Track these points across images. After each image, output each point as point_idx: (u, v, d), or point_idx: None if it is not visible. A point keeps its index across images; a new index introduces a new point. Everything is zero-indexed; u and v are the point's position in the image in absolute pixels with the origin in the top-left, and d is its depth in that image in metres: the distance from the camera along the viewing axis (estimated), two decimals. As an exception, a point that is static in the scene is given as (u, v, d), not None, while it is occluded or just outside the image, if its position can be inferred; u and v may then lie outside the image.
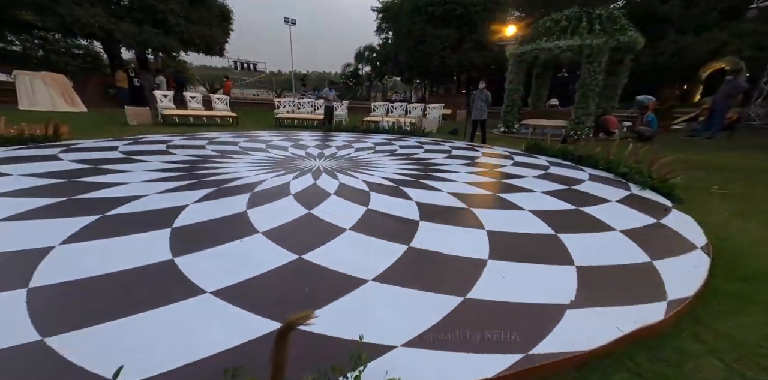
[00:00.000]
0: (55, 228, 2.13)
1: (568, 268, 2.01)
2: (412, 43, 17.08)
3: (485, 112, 7.34)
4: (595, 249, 2.27)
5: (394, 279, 1.80)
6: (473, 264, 2.01)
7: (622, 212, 3.08)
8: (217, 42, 13.92)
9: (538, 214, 2.91)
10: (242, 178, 3.67)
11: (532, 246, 2.32)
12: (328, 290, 1.69)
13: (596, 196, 3.52)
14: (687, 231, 2.62)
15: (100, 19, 10.83)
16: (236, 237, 2.17)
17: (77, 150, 4.46)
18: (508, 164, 5.17)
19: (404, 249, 2.14)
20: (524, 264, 2.05)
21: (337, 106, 10.54)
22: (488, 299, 1.68)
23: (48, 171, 3.35)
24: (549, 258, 2.12)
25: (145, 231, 2.17)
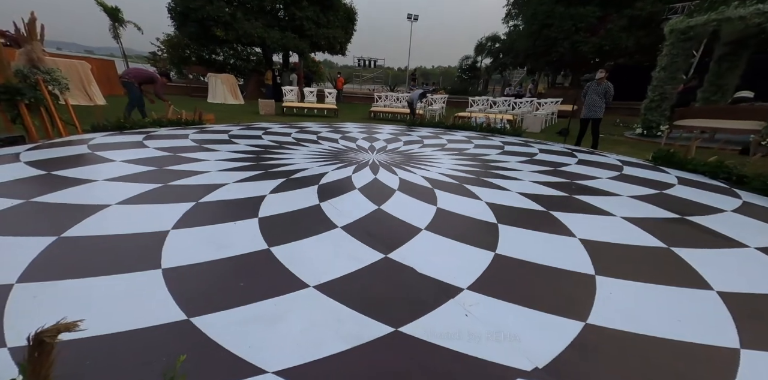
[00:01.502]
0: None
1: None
2: (537, 27, 14.72)
3: (600, 110, 5.73)
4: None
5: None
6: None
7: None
8: (339, 42, 15.55)
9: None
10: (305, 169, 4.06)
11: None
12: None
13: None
14: None
15: (259, 30, 13.68)
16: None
17: (205, 132, 5.86)
18: (604, 177, 3.93)
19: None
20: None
21: (421, 107, 10.36)
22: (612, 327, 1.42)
23: (173, 146, 4.52)
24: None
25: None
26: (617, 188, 3.48)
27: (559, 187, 3.51)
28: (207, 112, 6.77)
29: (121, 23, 22.20)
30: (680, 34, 6.79)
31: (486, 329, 1.44)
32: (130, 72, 6.09)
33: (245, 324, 1.36)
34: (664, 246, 2.24)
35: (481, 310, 1.57)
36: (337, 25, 15.28)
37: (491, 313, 1.55)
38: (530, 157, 5.12)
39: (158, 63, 22.60)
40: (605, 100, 5.65)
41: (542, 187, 3.53)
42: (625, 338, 1.43)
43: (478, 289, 1.73)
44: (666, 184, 3.65)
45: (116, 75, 13.66)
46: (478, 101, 12.06)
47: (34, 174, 2.87)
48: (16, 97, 3.47)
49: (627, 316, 1.55)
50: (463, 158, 4.91)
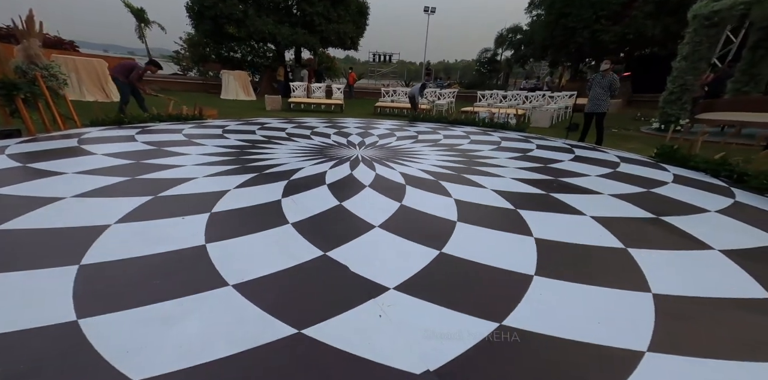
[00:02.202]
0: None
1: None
2: (554, 16, 13.98)
3: (605, 103, 5.38)
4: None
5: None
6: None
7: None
8: (349, 37, 15.51)
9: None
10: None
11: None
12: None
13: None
14: None
15: (270, 26, 13.89)
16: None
17: (201, 126, 6.00)
18: (594, 174, 3.68)
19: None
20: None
21: (427, 102, 10.11)
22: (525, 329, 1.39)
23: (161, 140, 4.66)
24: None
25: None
26: (602, 186, 3.24)
27: (539, 185, 3.32)
28: (219, 107, 6.96)
29: (146, 24, 23.30)
30: (704, 20, 6.20)
31: (391, 330, 1.37)
32: (115, 67, 6.16)
33: (136, 326, 1.31)
34: (622, 247, 2.08)
35: (397, 311, 1.50)
36: (348, 20, 15.25)
37: (406, 314, 1.48)
38: (524, 153, 4.89)
39: (182, 61, 23.53)
40: (610, 93, 5.28)
41: (522, 184, 3.36)
42: (533, 339, 1.35)
43: (405, 289, 1.65)
44: (659, 182, 3.36)
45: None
46: (487, 95, 11.67)
47: (8, 166, 2.98)
48: (13, 91, 3.70)
49: (547, 318, 1.47)
50: (452, 154, 4.76)
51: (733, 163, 3.36)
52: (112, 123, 5.11)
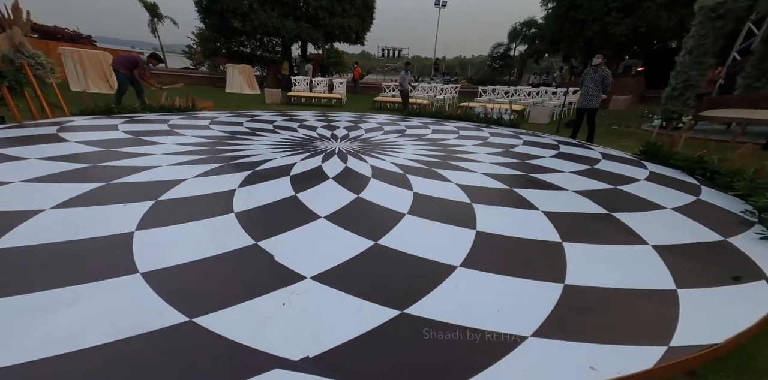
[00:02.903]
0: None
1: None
2: (564, 9, 13.49)
3: (597, 99, 5.16)
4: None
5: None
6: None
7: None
8: (354, 31, 15.38)
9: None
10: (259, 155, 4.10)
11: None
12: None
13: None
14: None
15: (274, 20, 13.92)
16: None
17: (191, 118, 6.08)
18: (568, 171, 3.55)
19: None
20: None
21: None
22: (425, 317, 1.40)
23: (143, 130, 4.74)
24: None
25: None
26: (571, 182, 3.13)
27: (507, 180, 3.23)
28: (221, 100, 7.02)
29: (159, 18, 23.73)
30: (710, 12, 5.86)
31: (286, 318, 1.36)
32: (116, 59, 6.30)
33: (16, 313, 1.27)
34: (558, 241, 2.03)
35: (303, 299, 1.48)
36: (353, 14, 15.12)
37: (311, 302, 1.46)
38: (507, 149, 4.77)
39: (194, 56, 23.91)
40: (602, 89, 5.07)
41: (490, 179, 3.28)
42: (425, 326, 1.35)
43: (322, 278, 1.64)
44: (631, 179, 3.23)
45: (144, 66, 14.69)
46: (489, 91, 11.42)
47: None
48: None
49: (449, 307, 1.46)
50: (433, 148, 4.69)
51: (709, 161, 3.19)
52: (102, 112, 5.24)
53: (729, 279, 1.66)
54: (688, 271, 1.78)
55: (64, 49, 9.38)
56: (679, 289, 1.62)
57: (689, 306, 1.50)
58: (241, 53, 20.53)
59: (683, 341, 1.29)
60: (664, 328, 1.36)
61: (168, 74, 17.26)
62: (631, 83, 13.74)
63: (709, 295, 1.60)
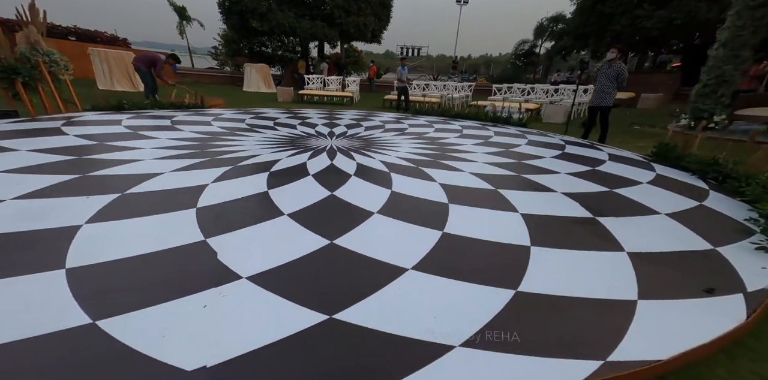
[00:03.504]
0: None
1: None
2: (590, 2, 12.74)
3: (610, 96, 4.78)
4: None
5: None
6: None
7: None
8: (369, 30, 15.32)
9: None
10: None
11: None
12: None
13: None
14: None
15: (290, 20, 14.13)
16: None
17: (197, 114, 6.24)
18: (564, 172, 3.29)
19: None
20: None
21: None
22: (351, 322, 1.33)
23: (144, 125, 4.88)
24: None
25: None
26: (563, 184, 2.89)
27: (494, 181, 3.03)
28: (236, 98, 7.20)
29: (187, 21, 24.85)
30: (749, 0, 5.27)
31: (199, 322, 1.28)
32: (138, 57, 6.65)
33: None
34: (527, 245, 1.87)
35: (229, 301, 1.40)
36: (369, 13, 15.07)
37: (236, 304, 1.39)
38: (507, 148, 4.52)
39: (219, 57, 24.84)
40: (616, 85, 4.68)
41: (476, 179, 3.10)
42: (352, 332, 1.27)
43: (259, 279, 1.55)
44: (632, 181, 2.94)
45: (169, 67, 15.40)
46: (504, 89, 11.00)
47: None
48: (13, 75, 4.07)
49: (386, 312, 1.38)
50: (429, 147, 4.52)
51: (723, 163, 2.83)
52: (112, 108, 5.48)
53: (701, 292, 1.48)
54: (659, 281, 1.62)
55: (92, 49, 9.99)
56: (640, 300, 1.47)
57: (645, 318, 1.36)
58: (262, 53, 21.10)
59: (623, 356, 1.17)
60: (607, 342, 1.24)
61: (192, 74, 18.04)
62: (664, 80, 12.79)
63: (671, 308, 1.44)
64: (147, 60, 6.57)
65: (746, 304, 1.42)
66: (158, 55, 7.00)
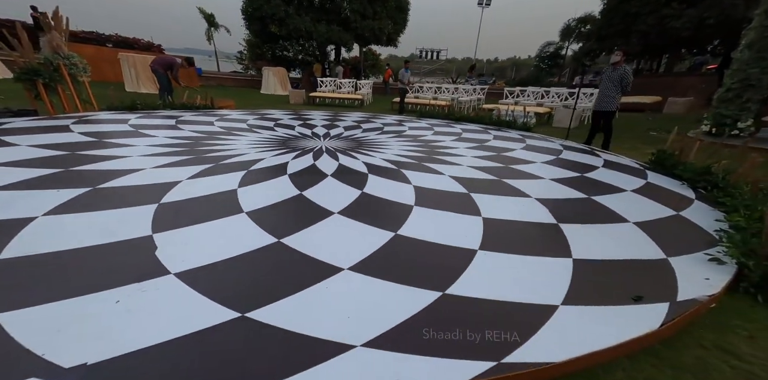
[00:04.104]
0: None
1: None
2: (615, 2, 12.17)
3: (614, 100, 4.52)
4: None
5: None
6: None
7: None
8: (385, 33, 15.44)
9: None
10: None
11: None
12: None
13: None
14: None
15: (307, 24, 14.52)
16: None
17: (206, 115, 6.51)
18: (548, 178, 3.13)
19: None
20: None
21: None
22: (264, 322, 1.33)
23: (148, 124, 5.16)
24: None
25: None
26: (541, 189, 2.78)
27: (472, 185, 2.93)
28: (253, 100, 7.46)
29: (215, 27, 26.13)
30: (779, -4, 4.83)
31: (103, 317, 1.29)
32: (155, 60, 7.07)
33: None
34: (474, 249, 1.84)
35: (146, 297, 1.42)
36: (384, 16, 15.20)
37: (150, 300, 1.39)
38: (499, 152, 4.39)
39: (243, 61, 25.92)
40: (620, 89, 4.43)
41: (453, 182, 3.02)
42: (264, 330, 1.27)
43: (186, 276, 1.56)
44: (616, 189, 2.75)
45: (195, 71, 16.24)
46: (516, 92, 10.70)
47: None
48: (34, 77, 4.44)
49: (301, 312, 1.38)
50: (420, 150, 4.47)
51: (715, 172, 2.58)
52: (126, 108, 5.84)
53: (629, 299, 1.46)
54: (591, 289, 1.58)
55: (121, 54, 10.72)
56: (562, 305, 1.44)
57: (558, 323, 1.35)
58: (284, 57, 21.79)
59: (519, 358, 1.17)
60: (509, 344, 1.24)
61: (217, 77, 18.93)
62: (695, 83, 11.94)
63: (590, 313, 1.42)
64: (164, 63, 6.97)
65: (668, 313, 1.39)
66: (175, 58, 7.39)
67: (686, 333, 1.41)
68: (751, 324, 1.48)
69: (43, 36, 13.20)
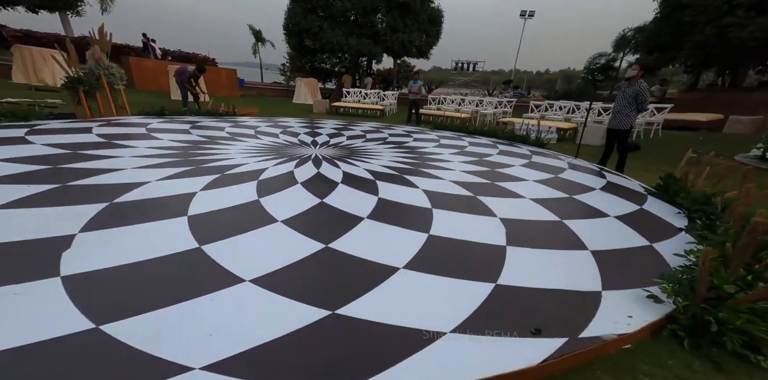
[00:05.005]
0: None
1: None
2: (666, 11, 11.14)
3: (627, 118, 4.04)
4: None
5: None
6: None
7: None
8: (414, 45, 15.61)
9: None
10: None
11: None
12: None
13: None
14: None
15: (339, 38, 15.16)
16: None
17: (223, 121, 6.94)
18: (528, 197, 2.82)
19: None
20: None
21: (466, 110, 9.47)
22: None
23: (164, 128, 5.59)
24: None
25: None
26: (514, 210, 2.51)
27: (440, 200, 2.75)
28: (285, 109, 7.92)
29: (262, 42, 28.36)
30: None
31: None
32: (176, 70, 7.80)
33: None
34: (396, 266, 1.75)
35: (14, 300, 1.41)
36: (415, 29, 15.39)
37: (13, 304, 1.38)
38: (493, 168, 4.11)
39: (285, 72, 27.75)
40: (635, 106, 3.95)
41: (423, 197, 2.86)
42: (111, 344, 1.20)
43: (73, 280, 1.56)
44: (601, 214, 2.39)
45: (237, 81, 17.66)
46: (545, 106, 10.12)
47: (19, 134, 3.97)
48: (77, 85, 5.07)
49: (163, 328, 1.31)
50: (413, 162, 4.35)
51: (714, 202, 2.11)
52: (155, 113, 6.44)
53: (529, 331, 1.35)
54: (496, 316, 1.46)
55: (170, 67, 11.96)
56: (450, 333, 1.35)
57: (440, 349, 1.26)
58: (321, 69, 22.92)
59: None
60: (377, 367, 1.17)
61: (258, 87, 20.46)
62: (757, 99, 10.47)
63: (478, 343, 1.31)
64: (179, 73, 7.71)
65: (558, 349, 1.27)
66: (187, 68, 7.96)
67: (577, 373, 1.28)
68: (659, 371, 1.28)
69: (149, 56, 15.12)
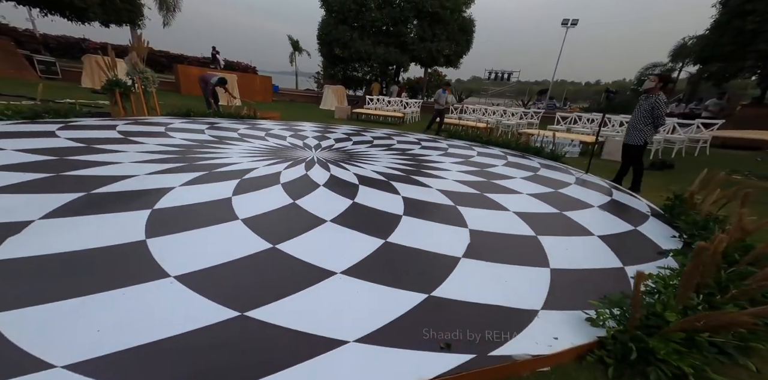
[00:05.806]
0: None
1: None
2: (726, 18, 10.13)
3: (642, 133, 3.65)
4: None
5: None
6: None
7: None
8: (442, 55, 15.54)
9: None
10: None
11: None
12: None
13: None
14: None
15: (367, 47, 15.52)
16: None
17: (241, 123, 7.31)
18: (512, 210, 2.61)
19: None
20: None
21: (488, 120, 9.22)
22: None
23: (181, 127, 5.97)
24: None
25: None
26: (489, 221, 2.31)
27: (414, 208, 2.64)
28: (312, 115, 8.26)
29: (299, 52, 29.89)
30: None
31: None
32: (200, 77, 8.43)
33: None
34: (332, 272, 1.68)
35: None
36: (444, 38, 15.35)
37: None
38: (491, 179, 3.90)
39: (319, 80, 28.97)
40: (651, 121, 3.56)
41: (400, 205, 2.76)
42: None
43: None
44: (585, 231, 2.14)
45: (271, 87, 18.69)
46: (572, 118, 9.53)
47: (54, 128, 4.45)
48: (114, 87, 5.63)
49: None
50: (408, 171, 4.26)
51: (711, 227, 1.77)
52: (183, 114, 6.95)
53: (438, 346, 1.33)
54: (412, 328, 1.42)
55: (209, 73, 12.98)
56: (354, 342, 1.32)
57: (336, 357, 1.25)
58: (353, 77, 23.57)
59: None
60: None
61: (290, 93, 21.52)
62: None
63: (386, 354, 1.28)
64: (202, 79, 8.31)
65: (460, 365, 1.24)
66: (211, 76, 8.49)
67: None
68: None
69: (217, 66, 16.57)
